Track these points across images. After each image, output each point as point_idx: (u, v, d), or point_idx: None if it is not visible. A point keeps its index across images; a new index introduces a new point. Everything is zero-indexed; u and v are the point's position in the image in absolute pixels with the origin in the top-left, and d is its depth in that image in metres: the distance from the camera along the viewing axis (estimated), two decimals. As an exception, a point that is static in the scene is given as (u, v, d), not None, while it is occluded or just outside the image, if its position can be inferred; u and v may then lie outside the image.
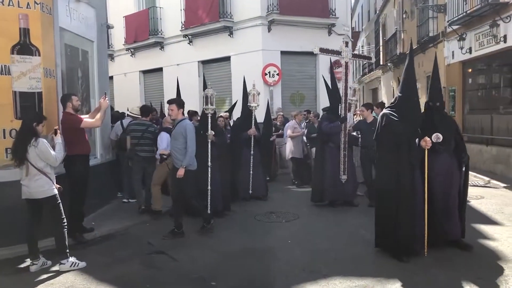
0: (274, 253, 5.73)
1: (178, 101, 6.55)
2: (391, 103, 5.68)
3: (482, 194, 9.03)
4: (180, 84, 8.92)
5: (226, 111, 10.53)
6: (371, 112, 8.62)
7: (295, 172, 11.06)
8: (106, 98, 6.59)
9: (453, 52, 14.32)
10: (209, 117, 7.37)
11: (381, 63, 24.54)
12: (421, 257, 5.24)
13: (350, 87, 8.68)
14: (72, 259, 5.27)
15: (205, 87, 7.72)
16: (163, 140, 7.71)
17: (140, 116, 8.27)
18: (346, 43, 8.48)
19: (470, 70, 13.89)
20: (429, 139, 5.28)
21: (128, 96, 17.86)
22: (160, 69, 17.69)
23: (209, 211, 7.29)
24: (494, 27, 11.35)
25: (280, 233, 6.64)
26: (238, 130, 9.21)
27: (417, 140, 5.39)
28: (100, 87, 8.43)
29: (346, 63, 8.53)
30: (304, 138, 10.99)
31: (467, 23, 12.96)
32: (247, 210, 8.06)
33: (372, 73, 28.20)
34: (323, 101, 14.26)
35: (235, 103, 10.35)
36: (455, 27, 13.51)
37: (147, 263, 5.47)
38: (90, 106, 8.09)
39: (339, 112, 8.32)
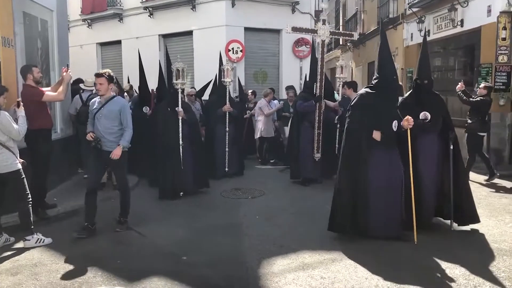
0: (243, 229, 5.81)
1: (108, 75, 5.56)
2: (371, 83, 5.48)
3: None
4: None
5: (192, 87, 10.38)
6: (353, 91, 8.44)
7: (260, 150, 11.05)
8: (69, 71, 6.35)
9: (412, 34, 14.69)
10: (179, 92, 7.16)
11: (341, 43, 24.82)
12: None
13: (337, 64, 8.75)
14: (37, 235, 5.13)
15: (168, 63, 7.50)
16: None
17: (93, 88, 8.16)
18: (324, 21, 8.30)
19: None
20: (411, 118, 5.06)
21: (84, 70, 17.13)
22: (118, 42, 17.15)
23: (181, 193, 7.27)
24: (452, 11, 11.72)
25: (247, 209, 6.72)
26: (212, 106, 9.05)
27: (395, 122, 5.09)
28: (60, 59, 8.10)
29: (323, 41, 8.38)
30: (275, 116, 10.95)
31: (427, 6, 13.30)
32: (212, 186, 8.04)
33: (331, 52, 28.43)
34: (286, 79, 14.40)
35: (208, 83, 10.23)
36: (415, 9, 13.84)
37: (114, 239, 5.42)
38: (50, 78, 7.78)
39: (314, 91, 8.28)
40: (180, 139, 7.22)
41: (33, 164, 5.88)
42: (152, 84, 11.13)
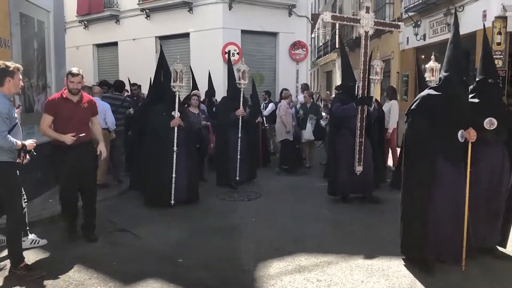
0: (239, 231, 5.80)
1: None
2: (437, 84, 4.67)
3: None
4: (136, 60, 8.70)
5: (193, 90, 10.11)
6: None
7: (283, 157, 10.27)
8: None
9: (408, 38, 14.78)
10: (177, 96, 6.84)
11: (337, 46, 24.91)
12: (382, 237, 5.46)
13: (372, 65, 7.59)
14: (32, 236, 5.10)
15: (164, 64, 7.27)
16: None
17: None
18: (367, 9, 7.19)
19: (423, 56, 14.36)
20: (473, 131, 4.26)
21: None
22: (115, 44, 17.15)
23: (172, 202, 6.82)
24: (448, 15, 11.80)
25: (243, 212, 6.72)
26: (225, 110, 8.46)
27: (461, 132, 4.30)
28: (57, 60, 8.10)
29: (366, 32, 7.15)
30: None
31: (423, 10, 13.39)
32: (208, 189, 8.04)
33: (327, 55, 28.57)
34: (282, 82, 14.45)
35: (209, 79, 10.22)
36: (411, 14, 13.92)
37: (110, 241, 5.40)
38: (46, 79, 7.75)
39: (356, 92, 7.14)
40: (175, 145, 6.80)
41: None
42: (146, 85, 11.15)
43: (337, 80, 25.44)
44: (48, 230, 5.70)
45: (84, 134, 5.14)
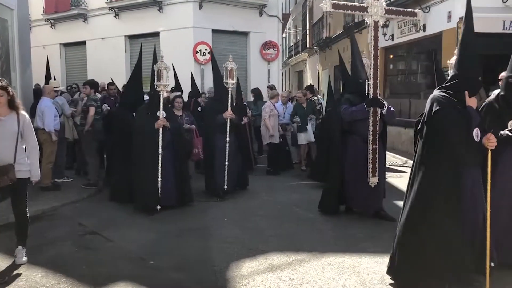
0: (211, 231, 5.78)
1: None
2: (445, 83, 4.13)
3: (400, 174, 9.71)
4: (105, 60, 8.53)
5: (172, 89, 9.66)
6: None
7: (270, 159, 9.92)
8: None
9: (376, 38, 15.02)
10: (161, 95, 6.56)
11: (308, 46, 25.14)
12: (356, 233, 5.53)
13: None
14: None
15: (155, 60, 6.92)
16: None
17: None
18: None
19: (391, 56, 14.67)
20: (493, 136, 3.81)
21: (47, 70, 16.83)
22: (83, 43, 16.82)
23: (158, 207, 6.53)
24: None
25: (215, 212, 6.69)
26: (212, 112, 7.85)
27: (476, 130, 3.82)
28: (21, 59, 7.91)
29: (376, 22, 6.23)
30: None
31: (391, 11, 13.64)
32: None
33: (298, 55, 28.79)
34: (254, 82, 14.48)
35: (192, 79, 10.15)
36: (379, 14, 14.15)
37: (80, 244, 5.29)
38: (11, 79, 7.53)
39: (366, 92, 6.12)
40: (160, 148, 6.51)
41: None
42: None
43: (308, 79, 25.67)
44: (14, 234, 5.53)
45: None
